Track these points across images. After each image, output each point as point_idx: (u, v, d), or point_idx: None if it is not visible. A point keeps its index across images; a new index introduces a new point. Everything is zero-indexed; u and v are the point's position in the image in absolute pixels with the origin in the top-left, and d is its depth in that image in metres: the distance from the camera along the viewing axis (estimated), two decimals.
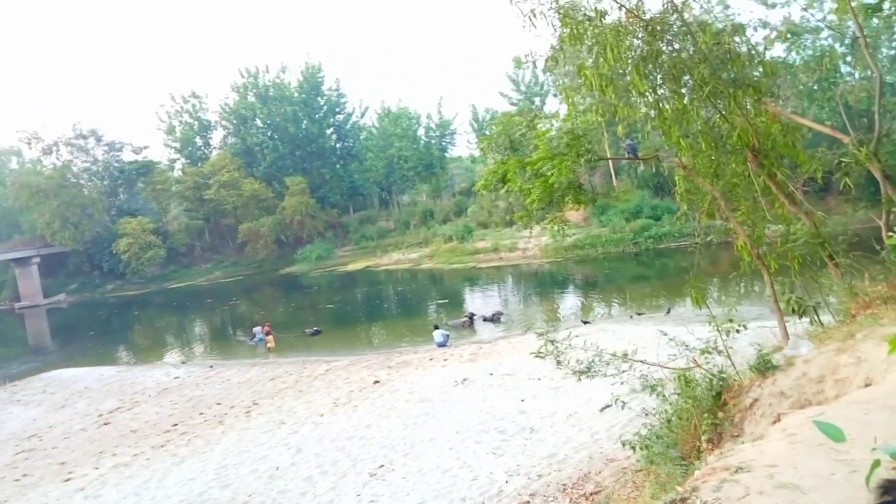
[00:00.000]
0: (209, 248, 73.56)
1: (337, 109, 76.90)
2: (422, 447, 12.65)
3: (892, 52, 24.78)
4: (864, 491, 2.26)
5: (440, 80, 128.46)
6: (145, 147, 76.28)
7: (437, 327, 24.37)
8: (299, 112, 72.65)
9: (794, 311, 8.78)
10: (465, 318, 27.10)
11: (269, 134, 73.34)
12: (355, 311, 39.19)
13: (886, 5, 10.94)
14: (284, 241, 67.49)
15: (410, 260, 54.92)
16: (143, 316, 51.72)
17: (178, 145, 76.49)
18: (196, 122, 76.56)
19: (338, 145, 77.15)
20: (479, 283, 42.26)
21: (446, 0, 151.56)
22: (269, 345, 28.46)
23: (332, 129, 76.64)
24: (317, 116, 74.40)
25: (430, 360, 20.58)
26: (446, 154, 72.15)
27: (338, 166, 74.96)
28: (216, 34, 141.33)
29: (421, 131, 70.13)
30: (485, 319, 27.33)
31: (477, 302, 34.76)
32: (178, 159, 77.64)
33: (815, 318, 8.46)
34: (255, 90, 74.47)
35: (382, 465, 12.04)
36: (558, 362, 7.62)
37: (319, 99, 75.36)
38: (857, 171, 9.32)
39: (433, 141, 70.00)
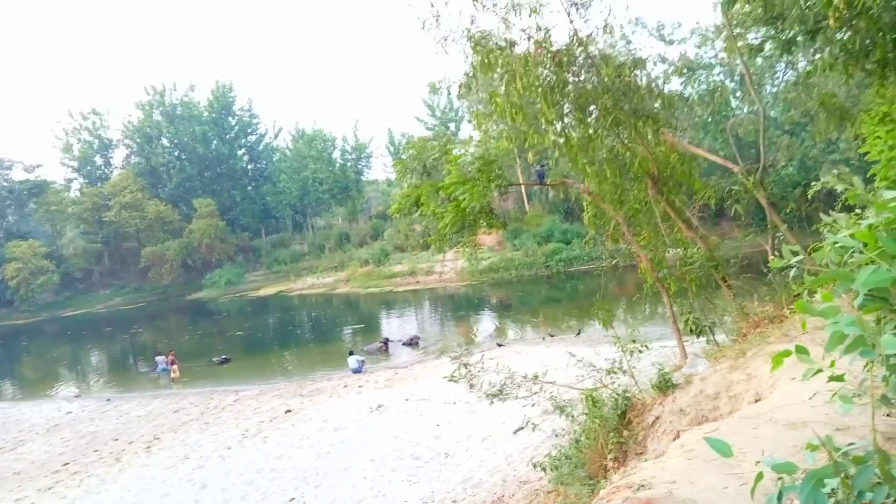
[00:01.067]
0: (109, 274, 69.30)
1: (249, 130, 75.18)
2: (335, 477, 12.30)
3: (775, 89, 27.00)
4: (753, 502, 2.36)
5: (356, 102, 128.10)
6: (38, 165, 71.27)
7: (352, 353, 23.95)
8: (209, 132, 70.48)
9: (692, 330, 9.25)
10: (381, 343, 26.81)
11: (175, 154, 70.62)
12: (267, 337, 37.91)
13: (768, 46, 11.84)
14: (192, 265, 64.75)
15: (325, 284, 53.95)
16: (33, 346, 47.83)
17: (75, 164, 72.16)
18: (96, 140, 72.60)
19: (250, 166, 75.29)
20: (396, 306, 42.00)
21: (364, 23, 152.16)
22: (173, 375, 26.98)
23: (243, 150, 74.81)
24: (227, 137, 72.40)
25: (345, 386, 20.16)
26: (362, 177, 71.89)
27: (249, 188, 73.04)
28: (120, 49, 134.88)
29: (336, 154, 69.61)
30: (402, 344, 27.13)
31: (394, 326, 34.49)
32: (76, 179, 73.22)
33: (711, 337, 8.93)
34: (161, 108, 71.63)
35: (293, 499, 11.60)
36: (471, 386, 7.64)
37: (230, 119, 73.47)
38: (745, 198, 10.00)
39: (349, 163, 69.61)
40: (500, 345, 23.65)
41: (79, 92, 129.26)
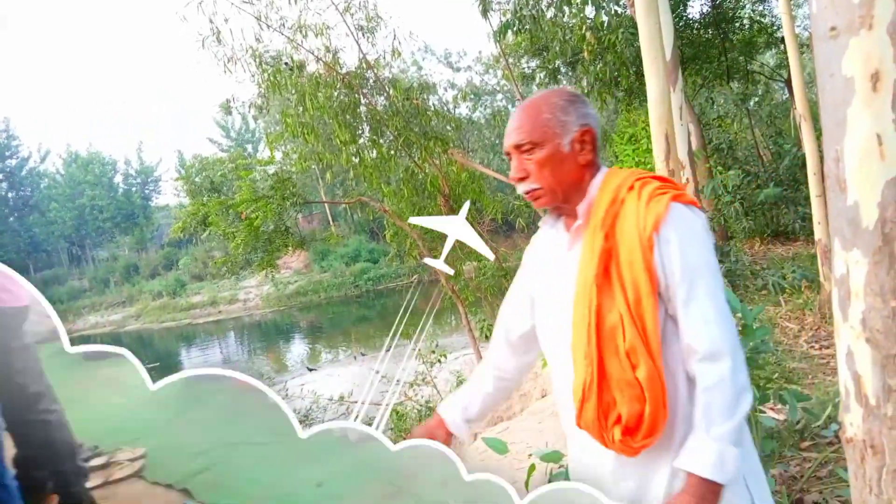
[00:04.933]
0: None
1: (7, 153, 65.47)
2: None
3: None
4: None
5: (141, 124, 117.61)
6: None
7: None
8: None
9: (486, 336, 9.83)
10: None
11: None
12: None
13: (539, 75, 13.11)
14: None
15: (112, 322, 48.66)
16: None
17: None
18: None
19: (10, 195, 65.48)
20: (197, 340, 39.13)
21: (153, 42, 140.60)
22: None
23: (1, 177, 64.96)
24: None
25: None
26: (151, 202, 66.13)
27: (11, 219, 63.48)
28: None
29: (118, 178, 63.36)
30: None
31: (195, 362, 32.07)
32: None
33: None
34: None
35: None
36: None
37: None
38: (527, 212, 10.93)
39: (134, 189, 63.73)
40: (310, 369, 23.07)
41: None
